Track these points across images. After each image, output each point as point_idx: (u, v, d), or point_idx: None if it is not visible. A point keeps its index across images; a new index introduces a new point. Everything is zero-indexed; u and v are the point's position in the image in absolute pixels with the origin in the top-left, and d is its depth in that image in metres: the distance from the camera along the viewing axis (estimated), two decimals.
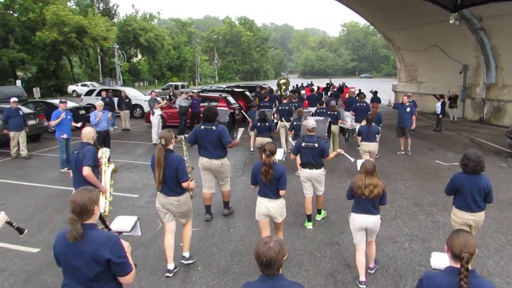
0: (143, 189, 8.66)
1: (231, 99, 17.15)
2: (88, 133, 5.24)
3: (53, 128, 10.70)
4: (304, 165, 6.34)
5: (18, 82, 28.39)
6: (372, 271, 5.00)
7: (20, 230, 3.32)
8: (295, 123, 9.63)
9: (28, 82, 39.60)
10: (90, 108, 17.10)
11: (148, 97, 22.38)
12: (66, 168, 10.13)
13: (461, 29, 19.92)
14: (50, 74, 40.34)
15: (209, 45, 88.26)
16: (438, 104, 16.35)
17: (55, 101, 16.70)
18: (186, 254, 5.19)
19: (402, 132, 11.93)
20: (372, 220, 4.59)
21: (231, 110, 14.49)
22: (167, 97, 15.19)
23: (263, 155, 4.83)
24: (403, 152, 12.01)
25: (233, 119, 15.48)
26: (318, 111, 11.80)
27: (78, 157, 5.03)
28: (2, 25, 34.90)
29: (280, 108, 11.94)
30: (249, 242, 5.86)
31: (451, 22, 17.95)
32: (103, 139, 10.63)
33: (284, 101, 12.24)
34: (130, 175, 9.77)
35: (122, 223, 3.43)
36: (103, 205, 5.05)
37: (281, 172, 4.77)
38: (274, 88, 24.14)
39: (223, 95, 16.79)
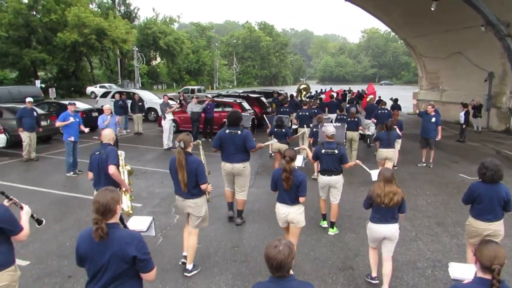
0: (147, 198, 8.26)
1: (246, 105, 16.71)
2: (109, 134, 5.41)
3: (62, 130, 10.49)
4: (323, 172, 6.32)
5: (37, 82, 28.61)
6: None
7: (39, 221, 3.59)
8: (314, 129, 9.50)
9: (49, 82, 40.09)
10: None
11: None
12: (72, 173, 9.86)
13: (487, 36, 19.14)
14: (70, 75, 40.78)
15: (228, 49, 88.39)
16: (462, 114, 15.59)
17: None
18: (190, 266, 4.99)
19: (426, 143, 11.26)
20: (391, 229, 4.49)
21: (253, 116, 14.41)
22: (177, 101, 14.80)
23: (283, 161, 4.79)
24: (424, 164, 11.33)
25: (254, 124, 15.56)
26: (338, 117, 11.81)
27: (101, 157, 5.11)
28: (25, 26, 35.42)
29: (300, 114, 11.92)
30: (254, 263, 5.37)
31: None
32: None
33: (304, 107, 12.24)
34: (136, 182, 9.32)
35: (138, 223, 3.52)
36: (126, 203, 5.29)
37: (301, 179, 4.77)
38: (294, 93, 23.65)
39: (238, 101, 16.36)
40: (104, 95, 21.43)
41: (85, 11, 36.80)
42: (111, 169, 5.00)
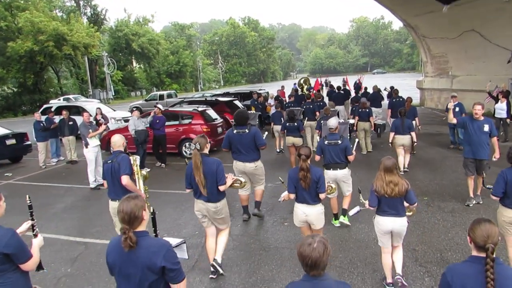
0: None
1: (212, 113, 12.79)
2: (118, 141, 5.12)
3: None
4: (327, 166, 6.19)
5: None
6: (401, 279, 4.40)
7: (40, 267, 3.23)
8: (322, 121, 9.34)
9: (7, 98, 36.00)
10: (25, 134, 12.97)
11: (128, 114, 18.29)
12: None
13: (508, 7, 15.49)
14: (32, 88, 36.50)
15: (212, 48, 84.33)
16: (503, 106, 11.69)
17: None
18: (219, 258, 4.90)
19: (475, 168, 6.97)
20: (398, 223, 4.32)
21: (259, 113, 14.36)
22: (93, 121, 10.71)
23: (300, 160, 4.65)
24: (474, 202, 7.04)
25: (261, 120, 15.20)
26: (353, 109, 12.31)
27: (113, 166, 4.91)
28: None
29: (304, 107, 12.14)
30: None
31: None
32: None
33: (308, 100, 12.60)
34: None
35: (169, 240, 3.16)
36: None
37: (320, 175, 4.68)
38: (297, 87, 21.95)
39: (200, 109, 12.40)
40: (46, 111, 16.73)
41: (39, 16, 32.50)
42: (124, 179, 4.78)
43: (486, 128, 6.58)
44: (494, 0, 15.76)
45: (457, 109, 11.51)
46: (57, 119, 12.66)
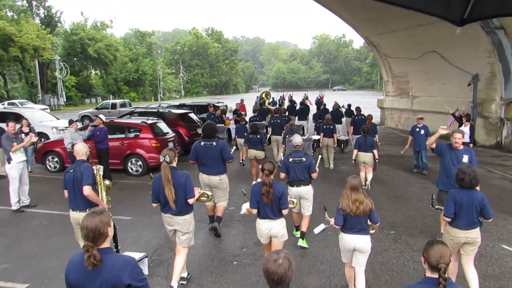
0: None
1: (163, 126, 11.70)
2: (81, 150, 5.04)
3: None
4: (291, 183, 6.19)
5: None
6: None
7: None
8: (287, 136, 9.49)
9: None
10: None
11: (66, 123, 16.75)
12: None
13: (471, 30, 15.48)
14: None
15: (174, 57, 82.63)
16: (466, 129, 11.07)
17: None
18: (175, 284, 4.69)
19: None
20: (362, 240, 4.40)
21: (228, 126, 14.52)
22: (22, 134, 9.39)
23: (263, 175, 4.65)
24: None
25: (230, 135, 15.09)
26: (317, 125, 12.50)
27: (75, 175, 4.83)
28: None
29: (272, 121, 12.18)
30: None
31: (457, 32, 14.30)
32: None
33: (276, 115, 12.60)
34: None
35: (130, 254, 3.32)
36: None
37: (283, 191, 4.70)
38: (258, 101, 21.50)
39: (149, 122, 11.27)
40: None
41: None
42: (86, 190, 4.71)
43: (465, 159, 5.87)
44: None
45: (422, 132, 11.08)
46: None
